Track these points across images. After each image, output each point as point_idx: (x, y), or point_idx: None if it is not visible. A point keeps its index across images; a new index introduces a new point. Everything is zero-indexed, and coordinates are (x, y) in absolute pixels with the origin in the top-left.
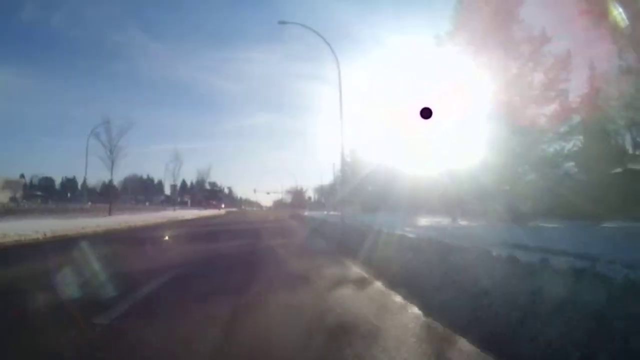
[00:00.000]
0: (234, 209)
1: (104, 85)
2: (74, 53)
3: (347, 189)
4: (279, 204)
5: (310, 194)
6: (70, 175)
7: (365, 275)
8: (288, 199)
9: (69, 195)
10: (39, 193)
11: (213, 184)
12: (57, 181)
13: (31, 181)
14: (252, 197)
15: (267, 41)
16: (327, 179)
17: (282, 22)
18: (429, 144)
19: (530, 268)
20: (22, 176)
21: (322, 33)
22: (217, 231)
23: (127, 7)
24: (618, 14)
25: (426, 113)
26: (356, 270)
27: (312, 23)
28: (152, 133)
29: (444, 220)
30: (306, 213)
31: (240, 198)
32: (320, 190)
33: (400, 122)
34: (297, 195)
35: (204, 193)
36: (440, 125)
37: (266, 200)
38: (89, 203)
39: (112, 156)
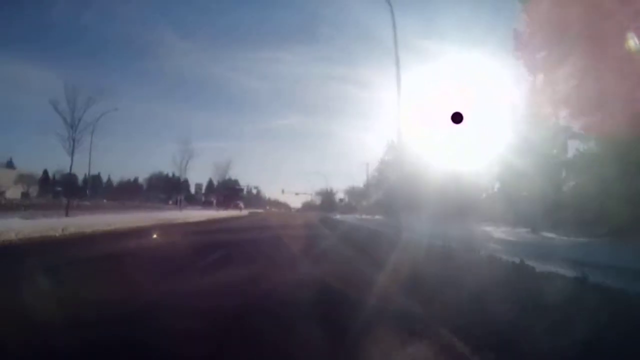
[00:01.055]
0: (259, 210)
1: (132, 83)
2: (104, 50)
3: (390, 192)
4: (307, 206)
5: (340, 196)
6: (98, 173)
7: None
8: (317, 200)
9: (87, 192)
10: (59, 189)
11: (234, 182)
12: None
13: (54, 176)
14: (281, 198)
15: (298, 42)
16: (359, 181)
17: None
18: (481, 142)
19: None
20: (45, 172)
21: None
22: (209, 245)
23: (157, 5)
24: None
25: (457, 118)
26: None
27: (345, 22)
28: (181, 132)
29: (520, 232)
30: (338, 216)
31: (269, 199)
32: (352, 192)
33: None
34: (327, 197)
35: (224, 192)
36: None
37: (295, 202)
38: (104, 200)
39: (74, 134)
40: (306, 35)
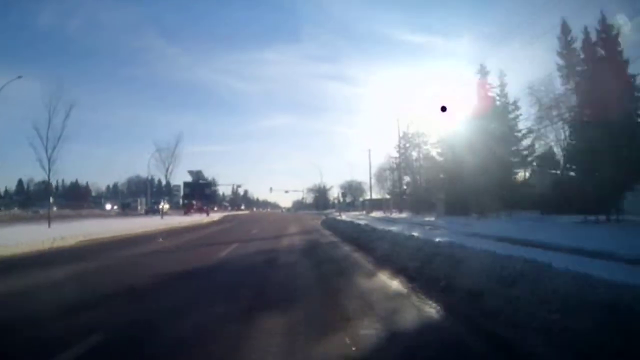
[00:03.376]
0: (240, 212)
1: (119, 90)
2: (91, 59)
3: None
4: (299, 204)
5: (334, 191)
6: (76, 179)
7: None
8: (309, 198)
9: (51, 199)
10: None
11: (197, 173)
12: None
13: (27, 186)
14: (270, 198)
15: (284, 41)
16: (356, 174)
17: None
18: None
19: None
20: (20, 182)
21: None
22: None
23: (143, 11)
24: None
25: (444, 109)
26: None
27: (328, 24)
28: (168, 136)
29: None
30: (343, 216)
31: (257, 198)
32: (348, 187)
33: None
34: (321, 193)
35: (185, 190)
36: None
37: (285, 200)
38: (54, 208)
39: None
40: (291, 34)
